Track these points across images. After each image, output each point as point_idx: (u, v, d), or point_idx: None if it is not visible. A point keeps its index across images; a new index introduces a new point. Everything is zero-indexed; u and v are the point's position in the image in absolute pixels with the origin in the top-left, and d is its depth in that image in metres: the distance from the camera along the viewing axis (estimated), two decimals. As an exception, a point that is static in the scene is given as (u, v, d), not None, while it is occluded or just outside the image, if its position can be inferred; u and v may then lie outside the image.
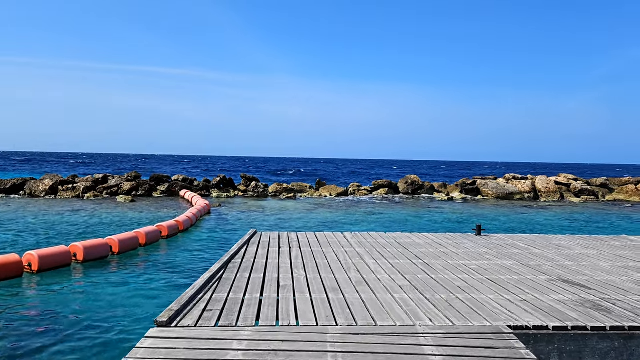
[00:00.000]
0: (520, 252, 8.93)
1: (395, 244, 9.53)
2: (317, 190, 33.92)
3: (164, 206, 24.93)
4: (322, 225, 18.67)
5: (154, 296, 9.04)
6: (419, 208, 26.19)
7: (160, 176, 31.86)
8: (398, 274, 7.03)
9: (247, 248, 8.79)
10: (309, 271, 7.12)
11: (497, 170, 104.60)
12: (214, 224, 19.00)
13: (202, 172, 66.56)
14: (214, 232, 16.94)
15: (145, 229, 14.88)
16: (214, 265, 7.11)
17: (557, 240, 10.42)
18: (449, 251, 8.91)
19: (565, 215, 23.92)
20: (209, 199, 28.84)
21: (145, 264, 12.11)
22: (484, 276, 7.03)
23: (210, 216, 21.21)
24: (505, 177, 36.27)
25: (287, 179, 52.06)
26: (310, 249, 8.84)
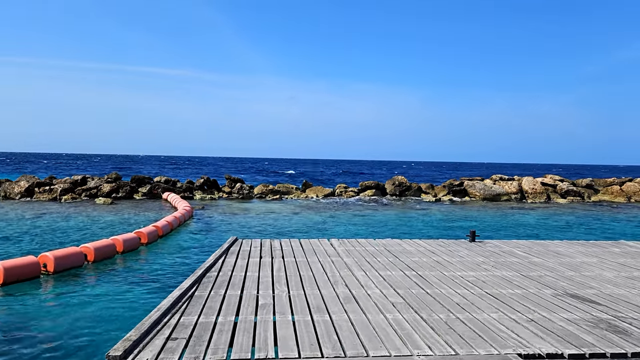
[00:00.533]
0: (519, 261, 8.31)
1: (385, 253, 8.85)
2: (303, 191, 33.18)
3: (145, 209, 23.96)
4: (308, 228, 17.95)
5: (131, 309, 8.25)
6: (406, 210, 25.61)
7: (142, 177, 30.80)
8: (390, 289, 6.34)
9: (225, 258, 8.03)
10: (292, 286, 6.40)
11: (484, 170, 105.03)
12: (195, 228, 18.15)
13: (194, 173, 65.35)
14: (195, 237, 16.10)
15: (123, 236, 14.00)
16: (185, 281, 6.35)
17: (555, 246, 9.85)
18: (443, 260, 8.26)
19: (554, 217, 23.54)
20: (192, 201, 27.92)
21: (122, 273, 11.27)
22: (483, 290, 6.38)
23: (193, 220, 20.34)
24: (492, 178, 35.93)
25: (283, 180, 51.24)
26: (294, 259, 8.11)
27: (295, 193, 32.36)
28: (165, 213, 22.01)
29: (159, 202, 26.83)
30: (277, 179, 56.57)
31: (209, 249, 13.89)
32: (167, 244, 14.94)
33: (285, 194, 32.04)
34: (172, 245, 14.79)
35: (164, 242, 15.22)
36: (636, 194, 34.00)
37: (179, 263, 12.21)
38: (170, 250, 13.84)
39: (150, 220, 19.12)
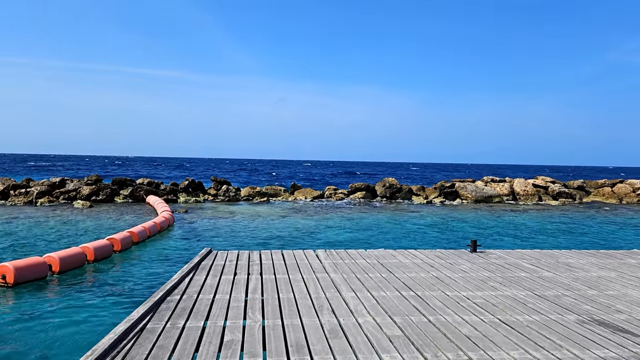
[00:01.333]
0: (529, 276, 7.27)
1: (378, 267, 7.75)
2: (292, 194, 32.03)
3: (125, 212, 22.65)
4: (295, 234, 16.82)
5: (93, 331, 7.08)
6: (397, 213, 24.58)
7: (123, 180, 29.41)
8: (385, 316, 5.24)
9: (194, 276, 6.87)
10: (268, 314, 5.26)
11: (485, 172, 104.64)
12: (175, 234, 16.93)
13: (184, 175, 63.80)
14: (173, 244, 14.89)
15: (94, 244, 12.77)
16: (138, 309, 5.19)
17: (564, 257, 8.83)
18: (444, 276, 7.18)
19: (551, 220, 22.66)
20: (176, 204, 26.63)
21: (90, 286, 10.09)
22: (495, 316, 5.30)
23: (174, 224, 19.11)
24: (484, 180, 35.09)
25: (277, 181, 49.99)
26: (273, 277, 6.97)
27: (283, 195, 31.19)
28: (146, 217, 20.75)
29: (141, 206, 25.51)
30: (271, 181, 55.41)
31: (187, 257, 12.72)
32: (143, 252, 13.73)
33: (273, 196, 30.86)
34: (148, 253, 13.58)
35: (139, 250, 14.01)
36: (627, 195, 33.36)
37: (154, 273, 11.04)
38: (145, 259, 12.63)
39: (129, 225, 17.86)
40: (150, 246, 14.42)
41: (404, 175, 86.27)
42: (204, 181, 34.72)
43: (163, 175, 63.98)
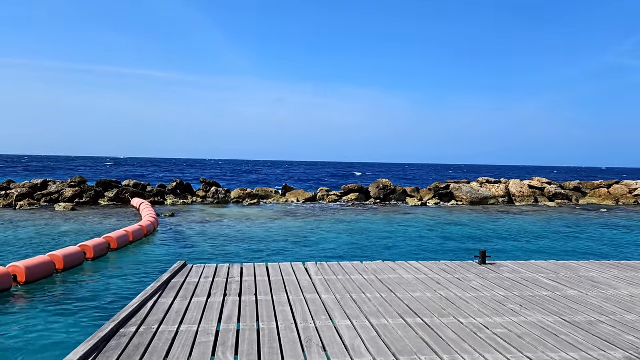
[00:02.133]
0: (552, 296, 6.21)
1: (376, 284, 6.66)
2: (283, 195, 30.88)
3: (109, 216, 21.40)
4: (285, 239, 15.69)
5: (52, 352, 5.96)
6: (391, 216, 23.53)
7: (108, 181, 28.11)
8: (389, 355, 4.14)
9: (160, 298, 5.74)
10: (243, 354, 4.14)
11: (485, 173, 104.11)
12: (158, 239, 15.75)
13: (174, 177, 62.35)
14: (154, 251, 13.71)
15: (65, 251, 11.59)
16: (80, 347, 4.05)
17: (584, 270, 7.79)
18: (454, 296, 6.10)
19: (549, 222, 21.72)
20: (163, 206, 25.40)
21: (56, 299, 8.96)
22: (524, 354, 4.23)
23: (157, 229, 17.92)
24: (479, 181, 34.16)
25: (275, 182, 48.82)
26: (254, 298, 5.85)
27: (274, 197, 30.04)
28: (129, 221, 19.53)
29: (126, 209, 24.24)
30: (268, 182, 54.21)
31: (165, 267, 11.55)
32: (118, 260, 12.56)
33: (264, 198, 29.70)
34: (124, 261, 12.40)
35: (115, 258, 12.84)
36: (624, 196, 32.58)
37: (127, 285, 9.89)
38: (118, 269, 11.45)
39: (109, 230, 16.65)
40: (127, 254, 13.23)
41: (401, 175, 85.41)
42: (194, 184, 33.51)
43: (154, 176, 62.56)
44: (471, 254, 13.53)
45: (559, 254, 13.84)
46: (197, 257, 12.53)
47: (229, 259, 12.47)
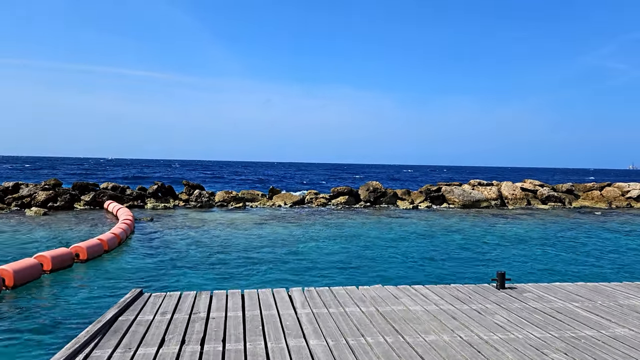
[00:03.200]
0: (598, 337, 4.86)
1: (377, 320, 5.26)
2: (270, 198, 29.38)
3: (82, 221, 19.73)
4: (269, 249, 14.24)
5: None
6: (383, 221, 22.19)
7: (85, 184, 26.33)
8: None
9: (94, 349, 4.26)
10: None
11: (486, 174, 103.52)
12: (132, 247, 14.19)
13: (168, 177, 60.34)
14: (125, 262, 12.16)
15: (15, 265, 10.01)
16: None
17: (622, 296, 6.47)
18: (478, 340, 4.71)
19: (545, 227, 20.55)
20: (143, 210, 23.75)
21: (3, 320, 7.47)
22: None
23: (132, 235, 16.36)
24: (471, 183, 33.03)
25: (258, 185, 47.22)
26: (220, 347, 4.40)
27: (261, 200, 28.53)
28: (105, 226, 17.92)
29: (102, 213, 22.56)
30: (263, 183, 52.71)
31: (135, 281, 10.06)
32: (84, 272, 11.06)
33: (250, 201, 28.17)
34: (89, 274, 10.89)
35: (82, 269, 11.32)
36: (616, 199, 31.71)
37: (88, 303, 8.42)
38: (77, 286, 9.90)
39: (82, 237, 15.06)
40: (93, 266, 11.67)
41: (395, 176, 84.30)
42: (177, 187, 31.86)
43: (152, 177, 60.54)
44: (474, 266, 12.24)
45: (571, 265, 12.61)
46: (166, 273, 11.01)
47: (201, 273, 10.99)
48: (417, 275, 11.25)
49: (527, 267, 12.28)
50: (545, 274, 11.59)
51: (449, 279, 10.73)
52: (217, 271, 11.30)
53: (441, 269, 11.97)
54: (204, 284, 10.07)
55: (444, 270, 11.83)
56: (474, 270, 11.87)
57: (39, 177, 51.11)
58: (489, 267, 12.17)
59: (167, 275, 10.77)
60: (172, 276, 10.69)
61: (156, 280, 10.31)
